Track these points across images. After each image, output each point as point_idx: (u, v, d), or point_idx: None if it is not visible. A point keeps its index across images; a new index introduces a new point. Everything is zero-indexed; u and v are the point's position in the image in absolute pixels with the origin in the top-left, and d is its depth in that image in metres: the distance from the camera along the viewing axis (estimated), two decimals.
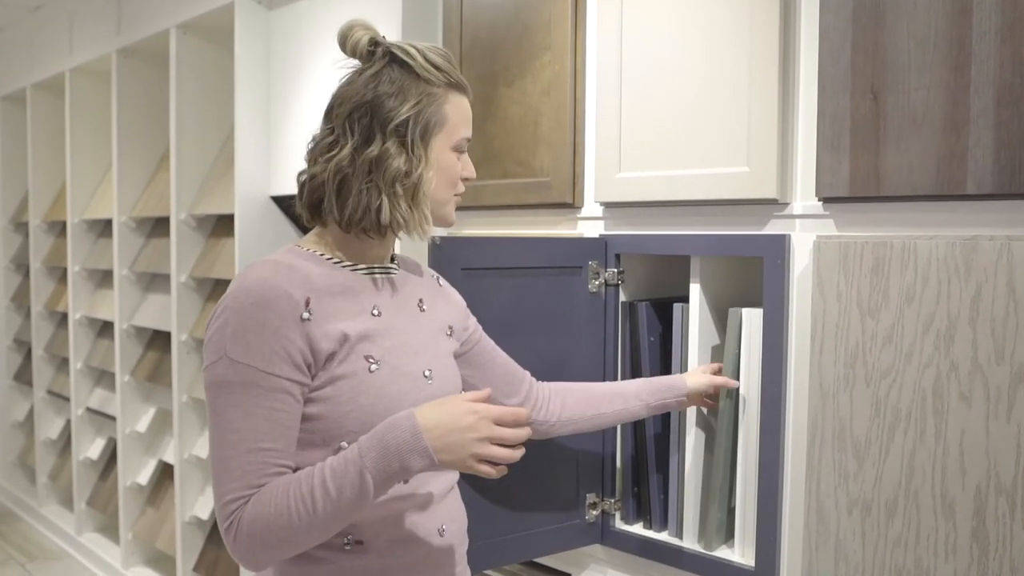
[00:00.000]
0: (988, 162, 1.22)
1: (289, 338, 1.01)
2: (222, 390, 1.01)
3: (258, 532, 0.98)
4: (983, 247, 1.22)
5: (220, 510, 1.01)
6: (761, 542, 1.49)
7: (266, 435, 1.00)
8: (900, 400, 1.31)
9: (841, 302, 1.36)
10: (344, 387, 1.04)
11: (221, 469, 1.01)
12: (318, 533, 1.00)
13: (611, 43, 1.69)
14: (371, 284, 1.14)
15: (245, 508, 0.99)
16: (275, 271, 1.04)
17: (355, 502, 0.98)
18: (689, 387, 1.49)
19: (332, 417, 1.04)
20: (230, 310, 1.01)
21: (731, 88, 1.51)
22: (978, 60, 1.23)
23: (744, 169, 1.49)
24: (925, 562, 1.29)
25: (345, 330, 1.05)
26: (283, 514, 0.97)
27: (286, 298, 1.02)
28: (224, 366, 1.00)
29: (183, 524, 3.00)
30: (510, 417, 1.03)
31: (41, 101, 4.07)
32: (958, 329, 1.25)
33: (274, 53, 2.63)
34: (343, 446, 1.04)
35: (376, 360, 1.07)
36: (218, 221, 3.01)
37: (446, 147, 1.14)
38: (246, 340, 1.00)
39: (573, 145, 1.78)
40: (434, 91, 1.12)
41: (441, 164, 1.13)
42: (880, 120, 1.33)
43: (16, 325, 4.55)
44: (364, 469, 0.97)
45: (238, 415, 1.00)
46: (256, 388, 1.00)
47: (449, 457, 0.99)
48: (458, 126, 1.15)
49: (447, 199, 1.17)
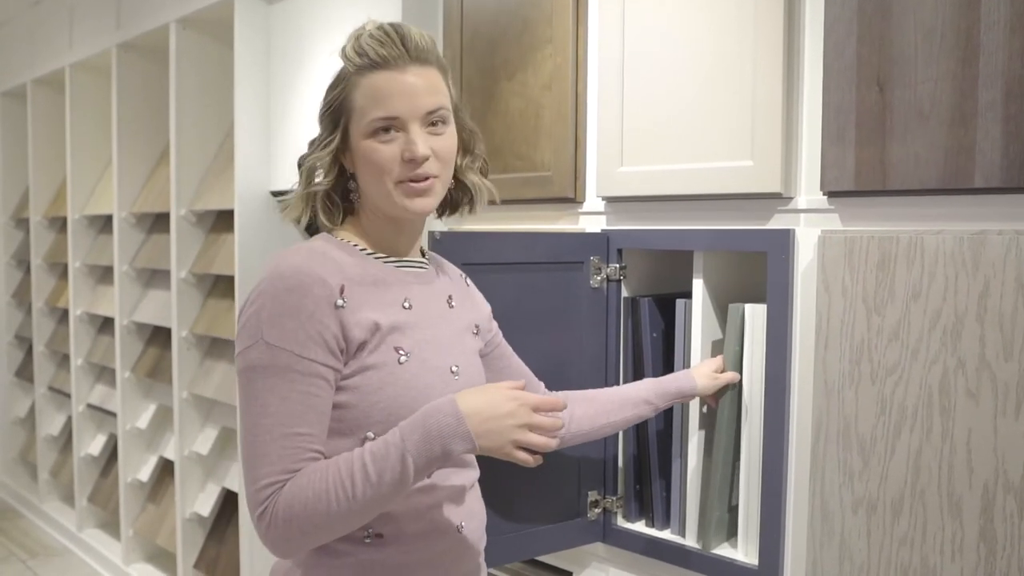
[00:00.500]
0: (996, 155, 1.20)
1: (324, 323, 1.01)
2: (257, 374, 1.00)
3: (295, 517, 0.97)
4: (991, 242, 1.20)
5: (254, 495, 0.99)
6: (765, 541, 1.48)
7: (301, 419, 1.00)
8: (906, 397, 1.29)
9: (846, 298, 1.34)
10: (373, 377, 1.04)
11: (255, 454, 0.99)
12: (356, 519, 1.00)
13: (613, 35, 1.67)
14: (403, 277, 1.13)
15: (280, 493, 0.98)
16: (310, 257, 1.04)
17: (395, 486, 0.98)
18: (699, 390, 1.48)
19: (360, 406, 1.04)
20: (265, 295, 1.01)
21: (735, 81, 1.49)
22: (987, 52, 1.21)
23: (748, 163, 1.47)
24: (931, 561, 1.27)
25: (377, 320, 1.05)
26: (321, 499, 0.97)
27: (321, 284, 1.02)
28: (260, 350, 1.00)
29: (183, 521, 2.99)
30: (548, 405, 1.04)
31: (41, 97, 4.06)
32: (965, 325, 1.23)
33: (274, 48, 2.62)
34: (369, 436, 1.04)
35: (406, 352, 1.07)
36: (218, 217, 3.00)
37: (360, 135, 1.07)
38: (282, 325, 0.99)
39: (575, 139, 1.76)
40: (349, 78, 1.08)
41: (360, 154, 1.08)
42: (886, 113, 1.31)
43: (17, 321, 4.54)
44: (406, 452, 0.97)
45: (274, 399, 0.99)
46: (292, 372, 0.99)
47: (489, 443, 1.00)
48: (365, 109, 1.06)
49: (385, 190, 1.08)
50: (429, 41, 1.09)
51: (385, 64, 1.05)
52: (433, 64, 1.09)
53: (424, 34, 1.09)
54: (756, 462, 1.51)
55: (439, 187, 1.11)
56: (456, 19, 1.98)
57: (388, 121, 1.06)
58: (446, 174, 1.12)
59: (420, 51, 1.07)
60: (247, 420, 1.01)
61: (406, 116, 1.06)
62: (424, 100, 1.07)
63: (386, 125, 1.06)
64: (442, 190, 1.13)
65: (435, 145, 1.08)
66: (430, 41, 1.10)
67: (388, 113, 1.06)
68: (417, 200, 1.08)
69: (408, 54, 1.06)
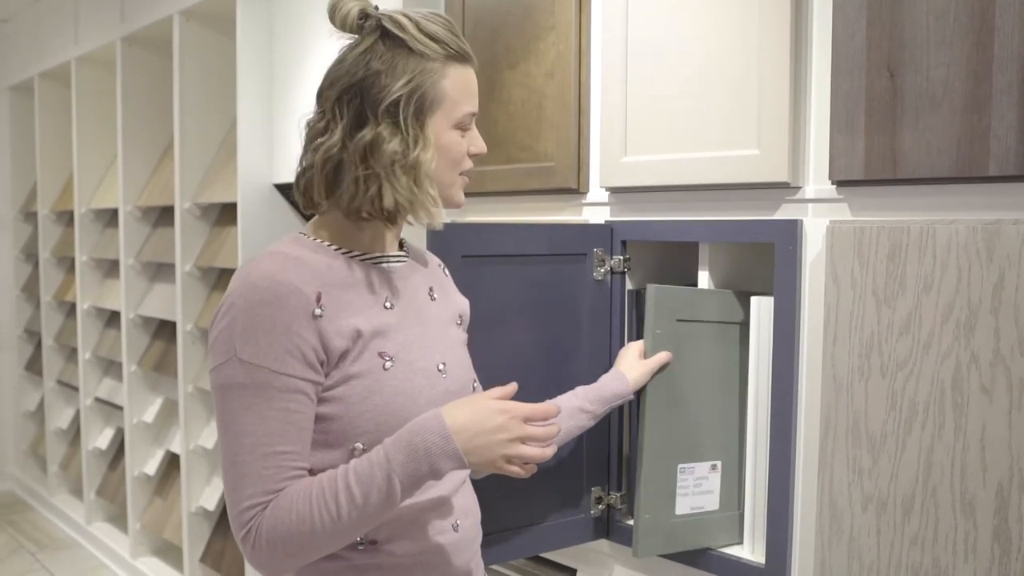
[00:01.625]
0: (1012, 142, 1.16)
1: (302, 336, 0.96)
2: (233, 393, 0.96)
3: (279, 539, 0.94)
4: (1006, 232, 1.16)
5: (237, 517, 0.96)
6: (772, 539, 1.44)
7: (281, 438, 0.96)
8: (917, 392, 1.25)
9: (856, 290, 1.31)
10: (358, 386, 1.00)
11: (236, 475, 0.96)
12: (341, 539, 0.97)
13: (616, 23, 1.63)
14: (381, 274, 1.09)
15: (264, 515, 0.95)
16: (283, 265, 0.99)
17: (381, 506, 0.95)
18: (633, 385, 1.41)
19: (346, 417, 1.00)
20: (237, 307, 0.96)
21: (740, 67, 1.45)
22: (1002, 34, 1.16)
23: (754, 152, 1.43)
24: (943, 562, 1.23)
25: (358, 326, 1.01)
26: (305, 520, 0.93)
27: (296, 294, 0.97)
28: (234, 367, 0.95)
29: (189, 515, 2.99)
30: (540, 414, 1.00)
31: (48, 90, 4.06)
32: (979, 318, 1.19)
33: (276, 39, 2.60)
34: (358, 447, 1.00)
35: (391, 357, 1.03)
36: (222, 210, 2.99)
37: (447, 125, 1.06)
38: (256, 340, 0.95)
39: (578, 128, 1.73)
40: (430, 65, 1.04)
41: (441, 143, 1.06)
42: (897, 99, 1.26)
43: (27, 315, 4.56)
44: (391, 473, 0.94)
45: (251, 418, 0.95)
46: (269, 389, 0.95)
47: (479, 459, 0.96)
48: (459, 102, 1.06)
49: (452, 180, 1.09)
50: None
51: (467, 59, 1.07)
52: None
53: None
54: (763, 459, 1.48)
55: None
56: (458, 7, 1.95)
57: (473, 116, 1.09)
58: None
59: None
60: (226, 440, 0.97)
61: (476, 114, 1.10)
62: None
63: (471, 120, 1.09)
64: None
65: None
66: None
67: (475, 109, 1.09)
68: (463, 194, 1.13)
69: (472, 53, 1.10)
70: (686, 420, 1.49)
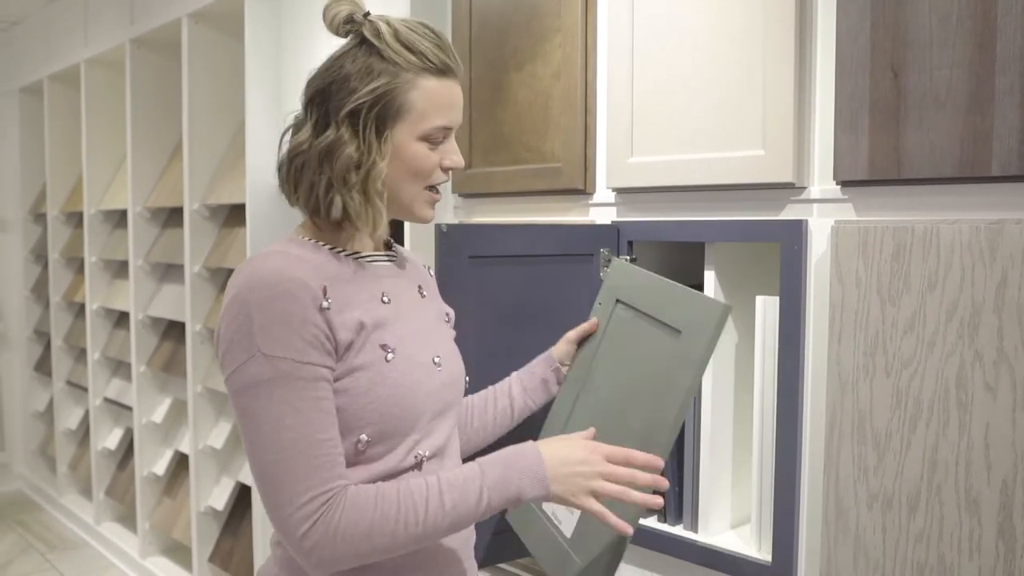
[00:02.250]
0: (1015, 143, 1.17)
1: (317, 325, 0.97)
2: (261, 390, 0.95)
3: (356, 535, 0.94)
4: (1009, 231, 1.17)
5: (295, 513, 0.94)
6: (778, 536, 1.45)
7: (321, 425, 0.96)
8: (922, 391, 1.26)
9: (860, 289, 1.31)
10: (362, 378, 1.01)
11: (283, 472, 0.94)
12: (417, 542, 0.98)
13: (622, 24, 1.65)
14: (374, 271, 1.11)
15: (336, 506, 0.95)
16: (287, 262, 1.00)
17: (467, 517, 0.99)
18: (558, 356, 1.39)
19: (351, 409, 1.01)
20: (250, 305, 0.96)
21: (745, 69, 1.46)
22: (1004, 36, 1.17)
23: (759, 152, 1.44)
24: (948, 559, 1.24)
25: (361, 318, 1.02)
26: (389, 519, 0.96)
27: (304, 287, 0.97)
28: (258, 364, 0.95)
29: (198, 514, 3.00)
30: (621, 456, 1.05)
31: (58, 92, 4.09)
32: (983, 317, 1.20)
33: (284, 41, 2.61)
34: (362, 438, 1.01)
35: (392, 349, 1.04)
36: (231, 211, 3.00)
37: (411, 137, 1.05)
38: (275, 333, 0.95)
39: (584, 130, 1.74)
40: (401, 75, 1.03)
41: (406, 155, 1.05)
42: (901, 100, 1.27)
43: (36, 316, 4.58)
44: (484, 486, 0.99)
45: (287, 412, 0.95)
46: (297, 381, 0.95)
47: (562, 488, 1.02)
48: (427, 114, 1.04)
49: (415, 193, 1.08)
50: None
51: (445, 72, 1.06)
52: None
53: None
54: (769, 457, 1.49)
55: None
56: (465, 9, 1.96)
57: (446, 131, 1.07)
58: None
59: (459, 64, 1.09)
60: (262, 440, 0.95)
61: (455, 126, 1.09)
62: (461, 114, 1.10)
63: (443, 134, 1.07)
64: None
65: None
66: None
67: (449, 122, 1.07)
68: (431, 210, 1.11)
69: (459, 66, 1.08)
70: (593, 405, 1.32)
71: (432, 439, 1.09)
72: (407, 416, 1.04)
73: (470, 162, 1.95)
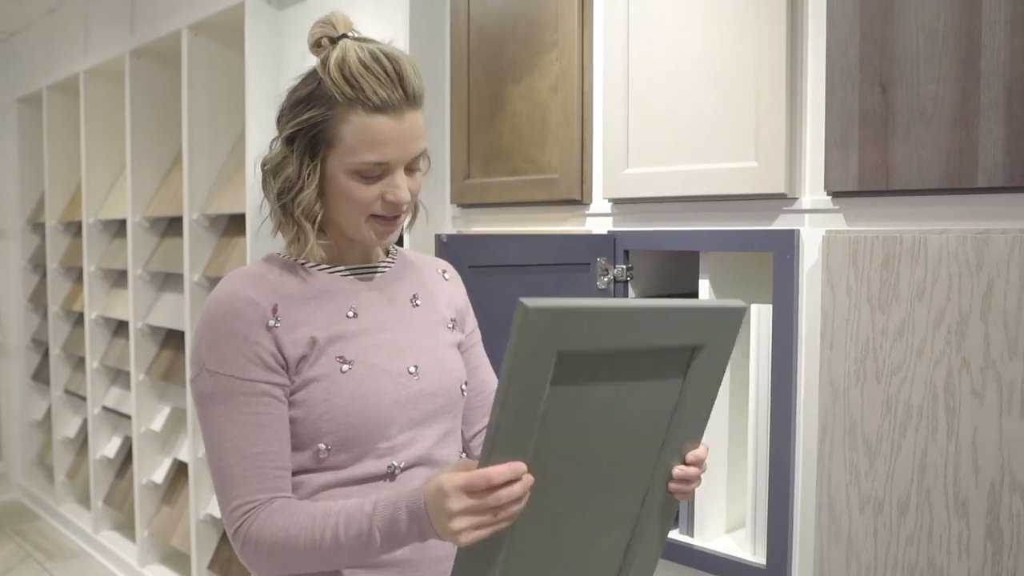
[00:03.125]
0: (999, 155, 1.20)
1: (260, 343, 1.02)
2: (208, 401, 1.03)
3: (268, 546, 1.00)
4: (995, 241, 1.20)
5: (227, 517, 1.03)
6: (772, 540, 1.48)
7: (258, 440, 1.02)
8: (911, 396, 1.29)
9: (851, 297, 1.35)
10: (316, 389, 1.04)
11: (223, 478, 1.02)
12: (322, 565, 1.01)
13: (618, 38, 1.68)
14: (349, 286, 1.12)
15: (256, 518, 1.01)
16: (243, 282, 1.06)
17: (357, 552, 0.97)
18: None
19: (308, 420, 1.05)
20: (202, 324, 1.04)
21: (738, 82, 1.50)
22: (988, 52, 1.21)
23: (752, 164, 1.48)
24: (938, 561, 1.27)
25: (313, 334, 1.06)
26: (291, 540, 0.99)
27: (253, 306, 1.03)
28: (205, 378, 1.03)
29: (198, 522, 3.02)
30: (482, 482, 0.84)
31: (57, 102, 4.11)
32: (970, 324, 1.23)
33: (284, 53, 2.64)
34: (321, 447, 1.05)
35: (349, 361, 1.07)
36: (230, 220, 3.03)
37: (340, 169, 1.04)
38: (220, 351, 1.02)
39: (581, 141, 1.77)
40: (335, 107, 1.02)
41: (337, 186, 1.05)
42: (889, 113, 1.31)
43: (34, 325, 4.59)
44: (374, 526, 0.95)
45: (227, 424, 1.02)
46: (237, 396, 1.02)
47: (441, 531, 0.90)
48: (355, 150, 1.02)
49: (355, 223, 1.07)
50: (420, 78, 1.05)
51: (383, 109, 1.02)
52: (421, 105, 1.06)
53: (416, 69, 1.05)
54: (764, 462, 1.52)
55: (404, 218, 1.11)
56: (463, 23, 2.00)
57: (379, 167, 1.04)
58: (411, 205, 1.12)
59: (416, 95, 1.04)
60: (209, 447, 1.04)
61: (395, 163, 1.04)
62: (412, 146, 1.05)
63: (376, 171, 1.04)
64: (405, 220, 1.13)
65: (412, 186, 1.08)
66: (421, 80, 1.05)
67: (381, 159, 1.03)
68: (387, 235, 1.09)
69: (406, 99, 1.03)
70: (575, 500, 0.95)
71: (411, 450, 1.10)
72: (367, 426, 1.05)
73: (468, 172, 1.99)
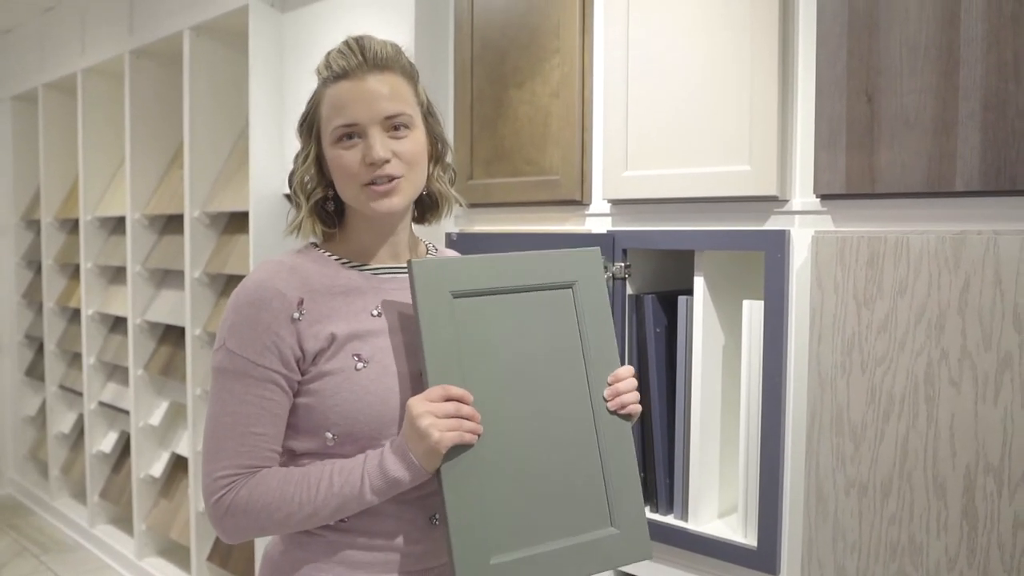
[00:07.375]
0: (976, 161, 1.29)
1: (280, 335, 1.08)
2: (221, 376, 1.10)
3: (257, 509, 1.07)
4: (971, 241, 1.29)
5: (209, 484, 1.09)
6: (763, 522, 1.56)
7: (257, 421, 1.09)
8: (894, 386, 1.38)
9: (838, 294, 1.43)
10: (330, 382, 1.10)
11: (214, 446, 1.09)
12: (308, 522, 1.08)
13: (618, 47, 1.76)
14: (379, 284, 1.17)
15: (238, 487, 1.07)
16: (275, 272, 1.12)
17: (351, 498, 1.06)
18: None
19: (319, 409, 1.10)
20: (231, 306, 1.11)
21: (733, 90, 1.58)
22: (966, 65, 1.30)
23: (746, 168, 1.56)
24: (918, 539, 1.36)
25: (334, 331, 1.10)
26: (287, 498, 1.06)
27: (279, 298, 1.09)
28: (223, 355, 1.10)
29: (197, 514, 3.06)
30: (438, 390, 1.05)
31: (53, 100, 4.12)
32: (948, 319, 1.32)
33: (287, 55, 2.69)
34: (328, 436, 1.10)
35: (365, 359, 1.11)
36: (230, 218, 3.08)
37: (328, 144, 1.13)
38: (241, 334, 1.09)
39: (581, 144, 1.85)
40: (318, 91, 1.14)
41: (330, 162, 1.13)
42: (875, 121, 1.40)
43: (28, 321, 4.60)
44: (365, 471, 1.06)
45: (233, 400, 1.09)
46: (248, 378, 1.08)
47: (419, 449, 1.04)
48: (329, 119, 1.12)
49: (353, 194, 1.13)
50: (392, 50, 1.13)
51: (345, 75, 1.10)
52: (396, 71, 1.12)
53: (387, 43, 1.13)
54: (755, 449, 1.60)
55: (406, 186, 1.12)
56: (467, 30, 2.07)
57: (349, 128, 1.10)
58: (413, 175, 1.13)
59: (380, 59, 1.11)
60: (211, 415, 1.10)
61: (365, 122, 1.09)
62: (383, 105, 1.10)
63: (348, 132, 1.10)
64: (410, 190, 1.14)
65: (397, 148, 1.10)
66: (393, 49, 1.13)
67: (347, 120, 1.09)
68: (383, 201, 1.11)
69: (367, 62, 1.10)
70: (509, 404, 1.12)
71: None
72: (372, 422, 1.10)
73: (471, 173, 2.06)
